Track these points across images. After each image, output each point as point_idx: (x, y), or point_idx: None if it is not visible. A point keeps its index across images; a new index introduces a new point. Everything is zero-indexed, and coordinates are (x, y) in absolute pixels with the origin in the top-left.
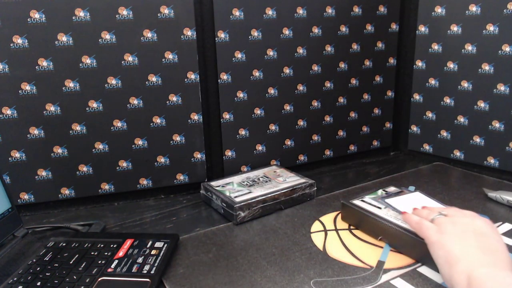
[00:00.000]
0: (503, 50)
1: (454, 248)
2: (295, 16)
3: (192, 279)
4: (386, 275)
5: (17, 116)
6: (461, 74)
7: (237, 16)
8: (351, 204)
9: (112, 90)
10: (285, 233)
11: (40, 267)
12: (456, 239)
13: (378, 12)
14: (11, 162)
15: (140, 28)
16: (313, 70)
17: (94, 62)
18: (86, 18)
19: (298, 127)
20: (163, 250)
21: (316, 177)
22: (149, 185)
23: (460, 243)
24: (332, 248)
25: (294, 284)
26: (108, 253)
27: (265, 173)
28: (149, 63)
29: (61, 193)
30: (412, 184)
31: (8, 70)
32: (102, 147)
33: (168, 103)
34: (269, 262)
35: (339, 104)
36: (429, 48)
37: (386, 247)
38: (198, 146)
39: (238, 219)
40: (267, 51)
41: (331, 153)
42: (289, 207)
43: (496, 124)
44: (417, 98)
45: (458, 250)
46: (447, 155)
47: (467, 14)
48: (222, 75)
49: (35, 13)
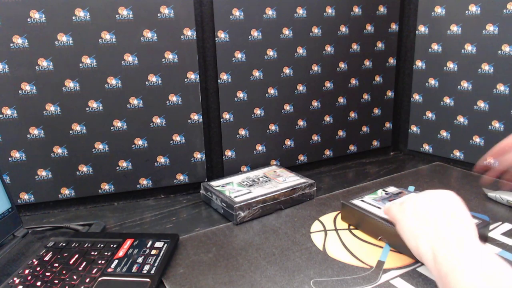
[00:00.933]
0: (502, 50)
1: (414, 224)
2: (295, 16)
3: (192, 279)
4: (386, 275)
5: (17, 116)
6: (461, 74)
7: (237, 16)
8: (351, 204)
9: (112, 90)
10: (285, 233)
11: (40, 267)
12: (416, 216)
13: (378, 12)
14: (11, 162)
15: (140, 28)
16: (313, 70)
17: (94, 62)
18: (86, 18)
19: (298, 127)
20: (163, 250)
21: (316, 177)
22: (149, 185)
23: (419, 219)
24: (332, 248)
25: (294, 284)
26: (108, 253)
27: (265, 173)
28: (149, 63)
29: (61, 193)
30: (412, 184)
31: (8, 70)
32: (102, 147)
33: (168, 103)
34: (269, 262)
35: (339, 104)
36: (429, 48)
37: (386, 247)
38: (198, 146)
39: (238, 219)
40: (267, 51)
41: (331, 153)
42: (289, 207)
43: (495, 124)
44: (417, 98)
45: (417, 226)
46: (447, 155)
47: (467, 14)
48: (222, 75)
49: (35, 13)
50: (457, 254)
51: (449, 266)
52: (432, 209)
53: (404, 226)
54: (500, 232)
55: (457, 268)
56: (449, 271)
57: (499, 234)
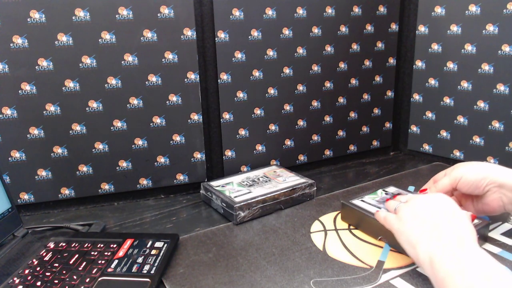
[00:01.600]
0: (502, 50)
1: (411, 233)
2: (295, 16)
3: (192, 279)
4: (386, 275)
5: (17, 116)
6: (461, 74)
7: (237, 16)
8: (350, 204)
9: (112, 90)
10: (285, 233)
11: (40, 267)
12: (412, 223)
13: (378, 12)
14: (11, 162)
15: (140, 28)
16: (313, 70)
17: (94, 62)
18: (86, 18)
19: (298, 127)
20: (163, 250)
21: (316, 177)
22: (149, 185)
23: (416, 226)
24: (332, 248)
25: (294, 284)
26: (108, 253)
27: (265, 173)
28: (149, 63)
29: (61, 193)
30: (412, 184)
31: (8, 70)
32: (102, 147)
33: (168, 103)
34: (269, 262)
35: (339, 104)
36: (429, 48)
37: (386, 247)
38: (198, 146)
39: (238, 219)
40: (267, 51)
41: (331, 153)
42: (289, 207)
43: (495, 124)
44: (417, 98)
45: (415, 234)
46: (447, 155)
47: (467, 14)
48: (222, 75)
49: (35, 13)
50: (454, 257)
51: (446, 270)
52: (429, 215)
53: (402, 235)
54: (500, 232)
55: (454, 271)
56: (446, 275)
57: (499, 234)
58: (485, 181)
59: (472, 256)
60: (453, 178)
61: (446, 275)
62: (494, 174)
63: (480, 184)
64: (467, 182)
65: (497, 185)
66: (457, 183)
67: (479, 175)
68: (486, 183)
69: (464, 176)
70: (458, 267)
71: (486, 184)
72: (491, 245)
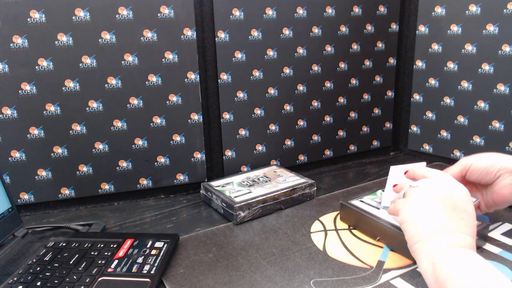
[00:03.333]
0: (503, 50)
1: (416, 226)
2: (295, 16)
3: (192, 279)
4: (386, 275)
5: (17, 116)
6: (461, 74)
7: (237, 16)
8: (349, 204)
9: (112, 90)
10: (285, 233)
11: (40, 267)
12: (419, 213)
13: (378, 12)
14: (11, 162)
15: (140, 28)
16: (313, 70)
17: (94, 62)
18: (86, 18)
19: (298, 127)
20: (163, 250)
21: (316, 177)
22: (149, 185)
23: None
24: (332, 248)
25: (294, 284)
26: (108, 253)
27: (265, 173)
28: (149, 63)
29: (61, 193)
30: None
31: (8, 70)
32: (102, 147)
33: (168, 103)
34: (269, 262)
35: (339, 104)
36: (429, 48)
37: (386, 247)
38: (198, 146)
39: (238, 219)
40: (267, 51)
41: (331, 153)
42: (289, 207)
43: (496, 124)
44: (417, 98)
45: (420, 229)
46: (447, 155)
47: (467, 14)
48: (222, 75)
49: (35, 13)
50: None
51: (447, 273)
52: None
53: (405, 229)
54: (500, 232)
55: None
56: (447, 278)
57: (499, 234)
58: (496, 166)
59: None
60: (463, 165)
61: (447, 278)
62: (505, 161)
63: (492, 170)
64: (478, 169)
65: (508, 170)
66: (467, 170)
67: (490, 161)
68: (497, 169)
69: (475, 163)
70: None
71: (497, 170)
72: (491, 245)
